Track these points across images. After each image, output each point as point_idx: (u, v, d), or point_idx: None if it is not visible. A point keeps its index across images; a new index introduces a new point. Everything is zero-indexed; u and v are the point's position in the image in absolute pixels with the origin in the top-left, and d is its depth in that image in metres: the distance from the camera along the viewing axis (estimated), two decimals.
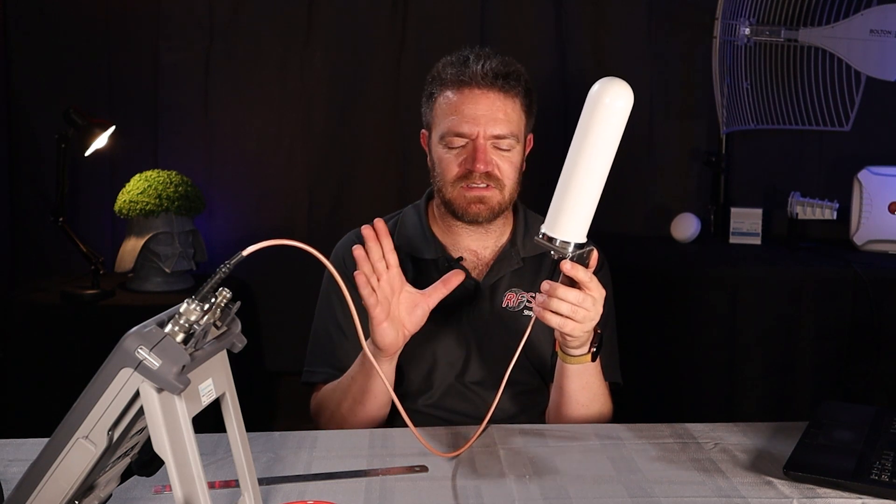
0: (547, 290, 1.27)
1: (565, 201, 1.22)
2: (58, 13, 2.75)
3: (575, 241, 1.23)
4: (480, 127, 1.49)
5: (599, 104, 1.19)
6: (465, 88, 1.50)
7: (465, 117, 1.49)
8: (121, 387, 0.80)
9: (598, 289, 1.28)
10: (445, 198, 1.54)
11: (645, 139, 2.92)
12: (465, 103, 1.50)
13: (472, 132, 1.49)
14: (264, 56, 2.82)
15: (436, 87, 1.55)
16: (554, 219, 1.23)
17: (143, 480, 1.09)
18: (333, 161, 2.87)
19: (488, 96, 1.50)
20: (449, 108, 1.51)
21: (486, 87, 1.49)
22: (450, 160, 1.52)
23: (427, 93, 1.57)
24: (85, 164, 2.68)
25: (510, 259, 1.58)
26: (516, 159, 1.53)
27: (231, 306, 0.87)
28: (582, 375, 1.43)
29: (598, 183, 1.22)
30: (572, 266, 1.24)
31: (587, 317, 1.28)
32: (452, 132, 1.50)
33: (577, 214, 1.22)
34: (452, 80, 1.51)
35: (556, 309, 1.26)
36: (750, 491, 1.15)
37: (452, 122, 1.50)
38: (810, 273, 2.51)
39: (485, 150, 1.49)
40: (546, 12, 2.87)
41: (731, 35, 2.79)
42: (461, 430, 1.36)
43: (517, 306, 1.57)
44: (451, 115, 1.50)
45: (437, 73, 1.55)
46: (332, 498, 1.11)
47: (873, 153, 2.84)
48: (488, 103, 1.49)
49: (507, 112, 1.51)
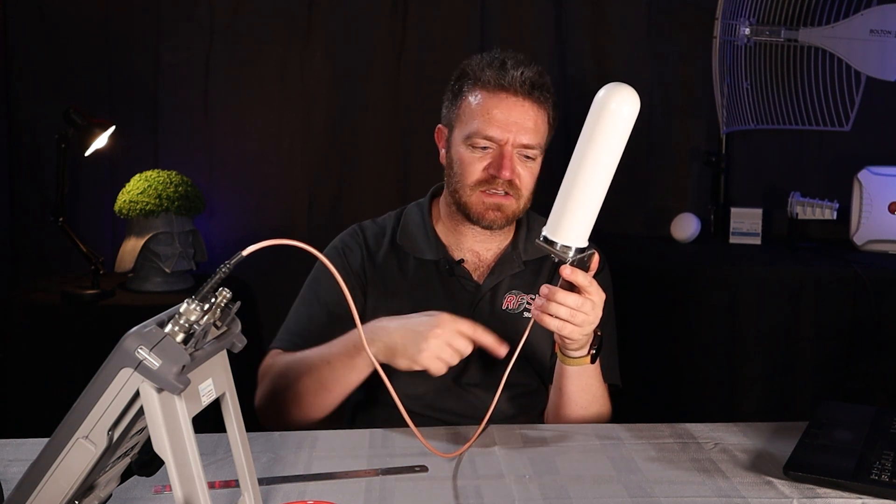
0: (546, 293, 1.27)
1: (568, 206, 1.22)
2: (58, 13, 2.75)
3: (576, 245, 1.23)
4: (511, 134, 1.47)
5: (605, 110, 1.18)
6: (502, 93, 1.48)
7: (497, 122, 1.47)
8: (121, 387, 0.80)
9: (597, 293, 1.28)
10: (461, 200, 1.52)
11: (645, 139, 2.92)
12: (499, 108, 1.48)
13: (503, 138, 1.48)
14: (264, 56, 2.82)
15: (467, 84, 1.52)
16: (556, 222, 1.23)
17: (143, 480, 1.09)
18: (333, 161, 2.87)
19: (523, 105, 1.49)
20: (480, 110, 1.49)
21: (522, 95, 1.48)
22: (472, 162, 1.50)
23: (454, 88, 1.55)
24: (85, 164, 2.68)
25: (511, 262, 1.58)
26: (536, 171, 1.53)
27: (231, 306, 0.87)
28: (581, 377, 1.43)
29: (601, 189, 1.22)
30: (572, 271, 1.24)
31: (586, 320, 1.28)
32: (481, 134, 1.48)
33: (579, 219, 1.22)
34: (488, 81, 1.49)
35: (554, 313, 1.26)
36: (750, 491, 1.15)
37: (482, 124, 1.48)
38: (810, 273, 2.51)
39: (511, 157, 1.48)
40: (546, 13, 2.86)
41: (731, 35, 2.79)
42: (461, 430, 1.36)
43: (517, 308, 1.57)
44: (482, 116, 1.48)
45: (469, 71, 1.52)
46: (332, 498, 1.11)
47: (873, 153, 2.84)
48: (522, 112, 1.48)
49: (538, 123, 1.50)
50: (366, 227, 1.64)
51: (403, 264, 1.58)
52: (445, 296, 1.55)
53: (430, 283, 1.56)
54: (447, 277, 1.56)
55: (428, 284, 1.56)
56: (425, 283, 1.56)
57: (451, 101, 1.56)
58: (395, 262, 1.58)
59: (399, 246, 1.59)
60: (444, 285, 1.56)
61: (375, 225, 1.64)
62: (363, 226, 1.64)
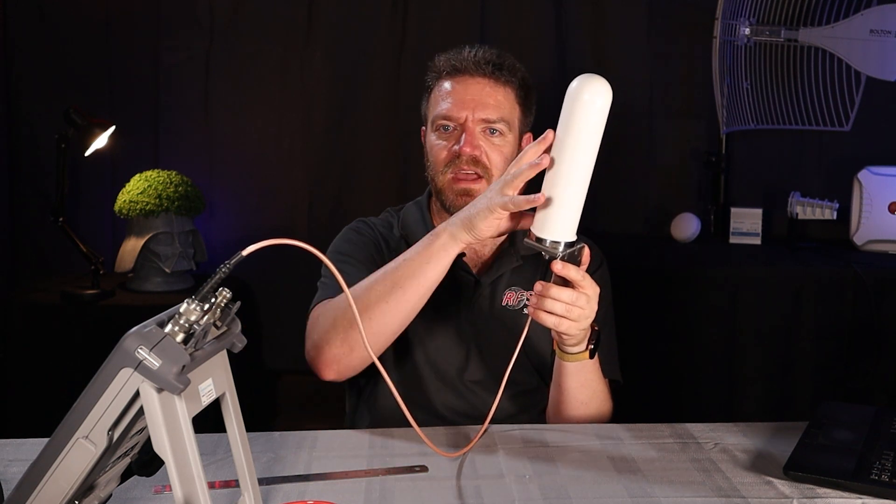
0: (540, 290, 1.27)
1: (551, 201, 1.22)
2: (58, 13, 2.75)
3: (564, 240, 1.23)
4: (468, 111, 1.49)
5: (578, 101, 1.19)
6: (458, 75, 1.51)
7: (455, 101, 1.49)
8: (121, 387, 0.80)
9: (591, 286, 1.27)
10: (437, 187, 1.53)
11: (645, 139, 2.92)
12: (456, 89, 1.50)
13: (461, 116, 1.49)
14: (264, 56, 2.82)
15: (432, 79, 1.56)
16: (542, 219, 1.23)
17: (143, 480, 1.09)
18: (333, 161, 2.87)
19: (479, 82, 1.50)
20: (441, 95, 1.52)
21: (478, 73, 1.50)
22: (439, 146, 1.51)
23: (425, 87, 1.58)
24: (85, 164, 2.68)
25: (510, 257, 1.58)
26: (507, 150, 1.52)
27: (231, 306, 0.87)
28: (580, 373, 1.43)
29: (583, 181, 1.21)
30: (563, 266, 1.24)
31: (582, 315, 1.27)
32: (441, 115, 1.50)
33: (565, 214, 1.22)
34: (445, 67, 1.53)
35: (549, 309, 1.26)
36: (750, 491, 1.15)
37: (442, 106, 1.51)
38: (810, 273, 2.52)
39: (473, 133, 1.48)
40: (546, 12, 2.87)
41: (731, 35, 2.79)
42: (461, 430, 1.36)
43: (517, 305, 1.57)
44: (443, 100, 1.51)
45: (433, 66, 1.56)
46: (332, 498, 1.11)
47: (873, 153, 2.84)
48: (479, 88, 1.50)
49: (498, 99, 1.50)
50: (373, 220, 1.64)
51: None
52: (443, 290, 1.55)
53: None
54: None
55: None
56: None
57: (423, 100, 1.59)
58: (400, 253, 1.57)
59: (400, 239, 1.59)
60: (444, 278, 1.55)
61: (379, 220, 1.65)
62: (370, 220, 1.64)
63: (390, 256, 1.55)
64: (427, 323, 1.52)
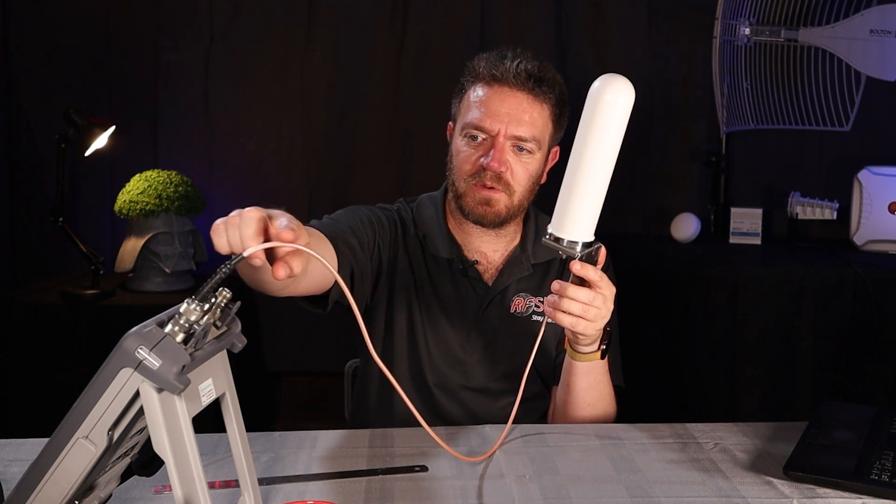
0: (557, 289, 1.26)
1: (571, 201, 1.21)
2: (58, 13, 2.75)
3: (583, 240, 1.23)
4: (502, 125, 1.46)
5: (601, 101, 1.18)
6: (496, 84, 1.48)
7: (490, 112, 1.46)
8: (121, 387, 0.80)
9: (608, 286, 1.27)
10: (458, 192, 1.51)
11: (645, 139, 2.92)
12: (493, 99, 1.47)
13: (493, 129, 1.46)
14: (264, 56, 2.82)
15: (468, 79, 1.53)
16: (560, 219, 1.23)
17: (143, 480, 1.09)
18: (333, 161, 2.87)
19: (517, 96, 1.47)
20: (476, 102, 1.49)
21: (516, 86, 1.47)
22: (467, 154, 1.49)
23: (459, 85, 1.55)
24: (85, 164, 2.68)
25: (520, 264, 1.57)
26: (533, 167, 1.50)
27: (231, 306, 0.87)
28: (590, 373, 1.43)
29: (602, 181, 1.21)
30: (582, 266, 1.23)
31: (598, 315, 1.27)
32: (473, 125, 1.48)
33: (584, 214, 1.22)
34: (484, 74, 1.49)
35: (567, 309, 1.26)
36: (750, 491, 1.15)
37: (476, 115, 1.47)
38: (810, 273, 2.51)
39: (502, 149, 1.46)
40: (546, 12, 2.87)
41: (731, 35, 2.79)
42: (462, 429, 1.36)
43: (525, 311, 1.56)
44: (477, 108, 1.48)
45: (471, 67, 1.53)
46: (332, 498, 1.11)
47: (873, 153, 2.84)
48: (515, 103, 1.47)
49: (534, 115, 1.47)
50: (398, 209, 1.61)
51: (417, 261, 1.57)
52: (455, 295, 1.54)
53: (442, 280, 1.55)
54: (459, 277, 1.55)
55: (439, 281, 1.55)
56: (437, 280, 1.55)
57: (456, 97, 1.56)
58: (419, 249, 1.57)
59: (415, 237, 1.58)
60: (455, 285, 1.55)
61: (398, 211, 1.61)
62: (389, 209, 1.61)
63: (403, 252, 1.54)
64: (437, 332, 1.53)
